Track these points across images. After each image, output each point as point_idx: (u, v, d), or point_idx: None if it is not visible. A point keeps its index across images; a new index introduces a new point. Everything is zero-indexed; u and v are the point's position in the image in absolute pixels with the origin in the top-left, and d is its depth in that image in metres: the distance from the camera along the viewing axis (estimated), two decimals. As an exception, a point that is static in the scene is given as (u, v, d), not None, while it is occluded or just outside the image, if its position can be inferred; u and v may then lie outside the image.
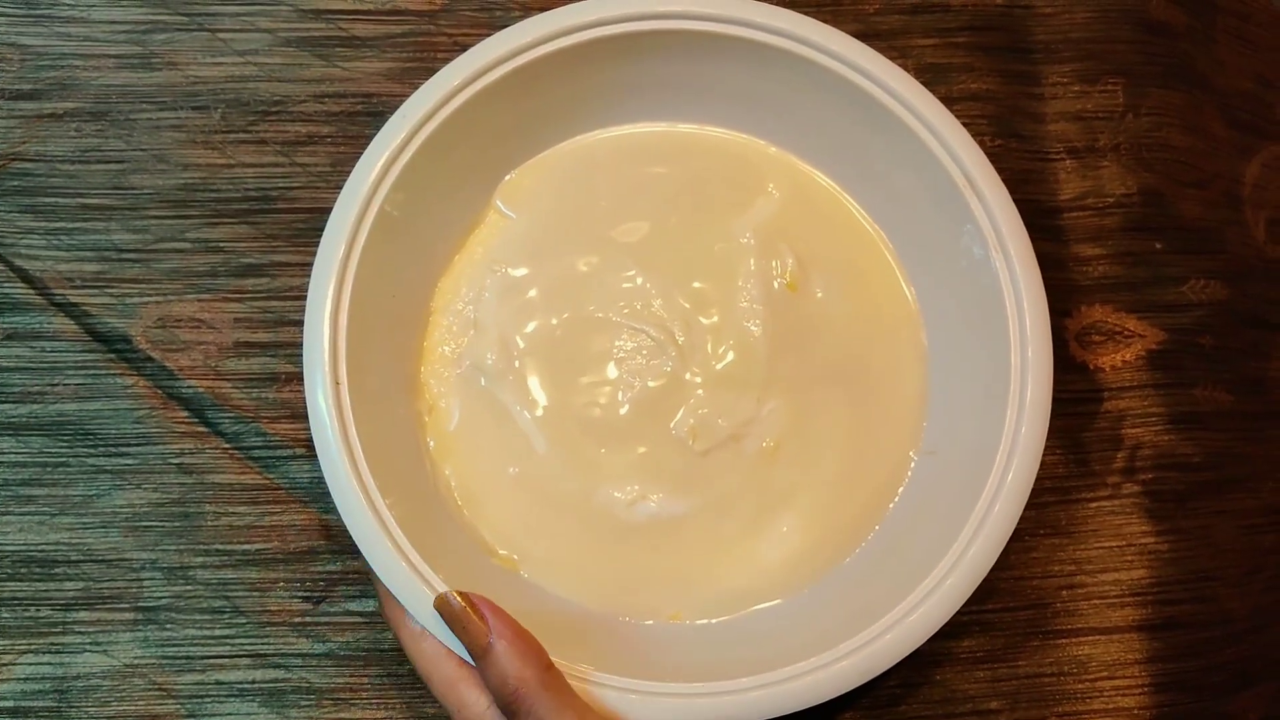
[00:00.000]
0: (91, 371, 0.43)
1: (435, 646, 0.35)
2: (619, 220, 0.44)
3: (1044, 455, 0.38)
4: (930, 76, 0.48)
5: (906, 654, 0.36)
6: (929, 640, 0.37)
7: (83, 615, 0.41)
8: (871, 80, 0.41)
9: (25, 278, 0.44)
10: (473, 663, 0.34)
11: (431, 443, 0.41)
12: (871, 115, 0.42)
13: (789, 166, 0.45)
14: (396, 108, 0.40)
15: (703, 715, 0.35)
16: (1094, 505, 0.45)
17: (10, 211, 0.45)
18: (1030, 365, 0.39)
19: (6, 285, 0.44)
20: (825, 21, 0.42)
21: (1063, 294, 0.47)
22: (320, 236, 0.39)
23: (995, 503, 0.37)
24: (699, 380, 0.42)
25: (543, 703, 0.33)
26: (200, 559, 0.42)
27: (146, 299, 0.44)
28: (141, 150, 0.46)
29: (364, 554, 0.36)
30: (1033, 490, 0.38)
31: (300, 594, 0.42)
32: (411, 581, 0.36)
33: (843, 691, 0.36)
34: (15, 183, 0.45)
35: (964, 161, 0.41)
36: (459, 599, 0.35)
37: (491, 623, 0.34)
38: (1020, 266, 0.40)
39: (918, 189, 0.42)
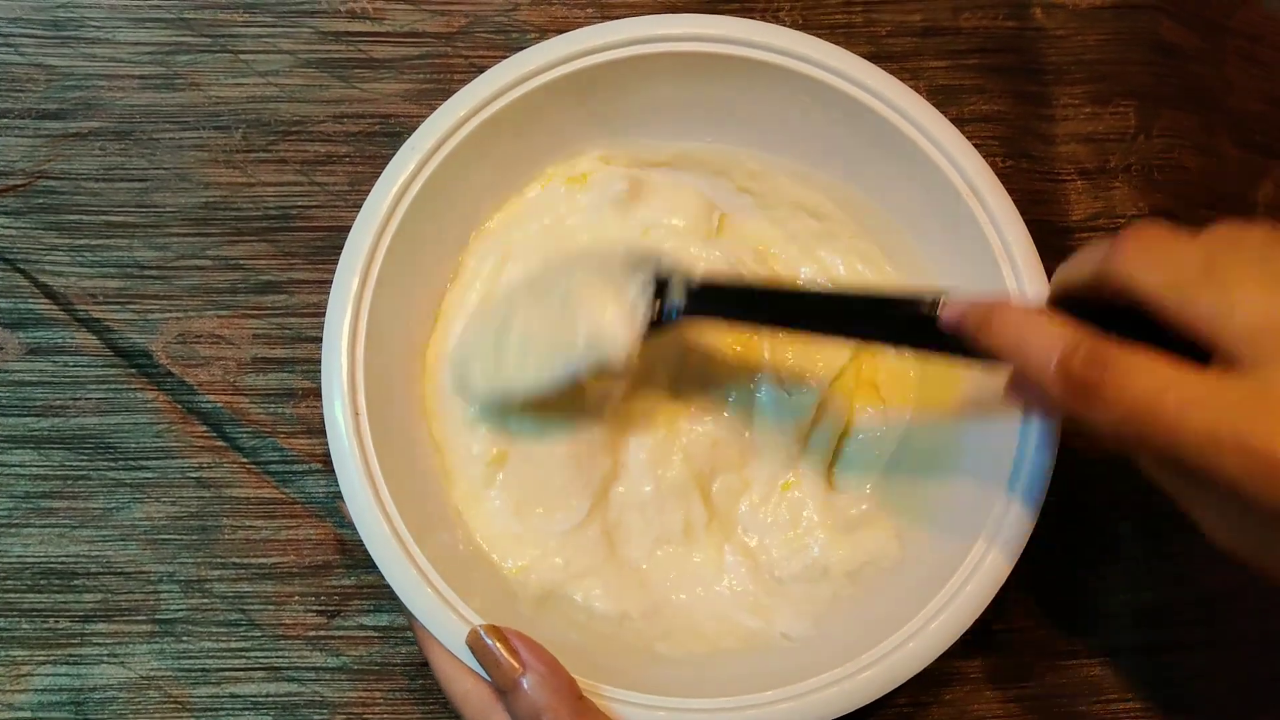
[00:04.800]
0: (112, 386, 0.44)
1: (467, 669, 0.36)
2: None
3: (1056, 473, 0.38)
4: (941, 98, 0.48)
5: (930, 661, 0.36)
6: (939, 659, 0.37)
7: (100, 627, 0.42)
8: (879, 99, 0.42)
9: (49, 293, 0.45)
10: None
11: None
12: (878, 132, 0.42)
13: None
14: (413, 128, 0.41)
15: None
16: (1107, 525, 0.45)
17: (35, 228, 0.45)
18: None
19: (30, 300, 0.45)
20: (837, 44, 0.42)
21: (1074, 314, 0.47)
22: (338, 255, 0.40)
23: (1007, 516, 0.38)
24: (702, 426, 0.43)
25: None
26: (217, 572, 0.43)
27: (167, 315, 0.45)
28: (164, 169, 0.46)
29: (393, 585, 0.36)
30: (1045, 510, 0.38)
31: (315, 608, 0.42)
32: (441, 610, 0.36)
33: (870, 700, 0.36)
34: (40, 200, 0.46)
35: (968, 173, 0.41)
36: (491, 635, 0.35)
37: (524, 655, 0.34)
38: (1028, 277, 0.40)
39: (921, 200, 0.42)
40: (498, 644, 0.35)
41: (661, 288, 0.38)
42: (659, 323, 0.38)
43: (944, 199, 0.41)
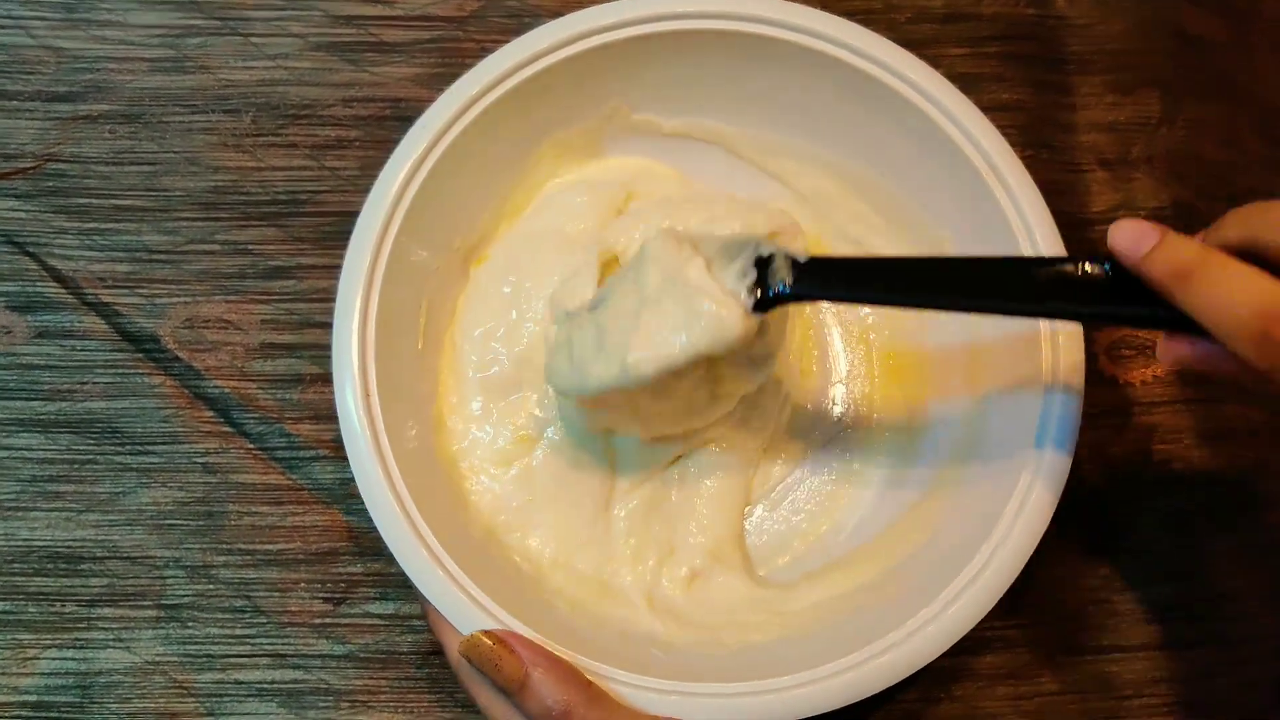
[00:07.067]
0: (120, 370, 0.44)
1: None
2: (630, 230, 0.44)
3: (1072, 469, 0.38)
4: (961, 86, 0.47)
5: (948, 647, 0.36)
6: (949, 655, 0.36)
7: (106, 612, 0.42)
8: (897, 76, 0.41)
9: (57, 277, 0.45)
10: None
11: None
12: (894, 108, 0.41)
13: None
14: (423, 112, 0.41)
15: (750, 714, 0.35)
16: (1122, 521, 0.44)
17: (45, 212, 0.45)
18: (1061, 369, 0.38)
19: (39, 284, 0.45)
20: (856, 28, 0.42)
21: (1092, 307, 0.46)
22: (347, 240, 0.39)
23: (1022, 510, 0.37)
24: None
25: (593, 715, 0.33)
26: (223, 558, 0.42)
27: (175, 299, 0.45)
28: (173, 153, 0.46)
29: (410, 576, 0.36)
30: (1060, 504, 0.37)
31: (321, 595, 0.42)
32: (464, 605, 0.35)
33: (887, 684, 0.35)
34: (50, 183, 0.46)
35: (990, 155, 0.40)
36: (488, 640, 0.34)
37: (524, 654, 0.34)
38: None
39: (938, 179, 0.42)
40: (496, 647, 0.34)
41: (763, 266, 0.36)
42: (766, 302, 0.35)
43: (962, 177, 0.41)
